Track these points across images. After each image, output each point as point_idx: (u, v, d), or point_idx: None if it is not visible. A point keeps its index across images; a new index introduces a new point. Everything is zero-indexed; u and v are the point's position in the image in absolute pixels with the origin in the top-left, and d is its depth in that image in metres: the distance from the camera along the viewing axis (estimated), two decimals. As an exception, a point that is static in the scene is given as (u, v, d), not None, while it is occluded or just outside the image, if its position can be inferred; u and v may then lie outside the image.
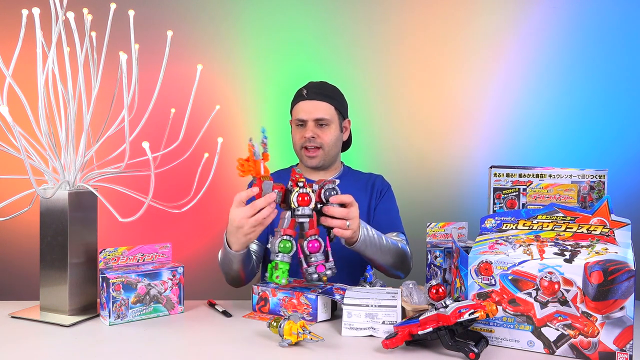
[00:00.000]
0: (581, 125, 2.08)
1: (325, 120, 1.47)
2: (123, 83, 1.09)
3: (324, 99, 1.49)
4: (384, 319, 1.02)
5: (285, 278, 1.09)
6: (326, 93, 1.50)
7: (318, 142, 1.47)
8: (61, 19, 1.12)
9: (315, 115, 1.47)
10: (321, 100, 1.48)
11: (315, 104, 1.48)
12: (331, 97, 1.50)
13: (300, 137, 1.49)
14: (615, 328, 0.89)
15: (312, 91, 1.49)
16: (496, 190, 1.26)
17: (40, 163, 1.16)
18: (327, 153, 1.50)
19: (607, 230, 0.99)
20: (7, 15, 2.05)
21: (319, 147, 1.48)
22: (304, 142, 1.48)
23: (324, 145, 1.48)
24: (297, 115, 1.49)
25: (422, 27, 2.14)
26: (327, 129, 1.48)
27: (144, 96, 1.23)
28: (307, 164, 1.51)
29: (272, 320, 1.01)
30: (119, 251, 1.16)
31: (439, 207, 2.12)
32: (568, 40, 2.08)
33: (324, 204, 1.13)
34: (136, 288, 1.12)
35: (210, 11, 2.14)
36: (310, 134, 1.46)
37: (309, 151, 1.48)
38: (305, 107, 1.48)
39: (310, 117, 1.47)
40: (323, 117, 1.47)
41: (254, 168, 1.07)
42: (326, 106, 1.48)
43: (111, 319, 1.09)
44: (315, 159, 1.49)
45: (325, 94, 1.50)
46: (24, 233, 2.07)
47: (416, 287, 1.12)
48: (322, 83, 1.55)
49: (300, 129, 1.49)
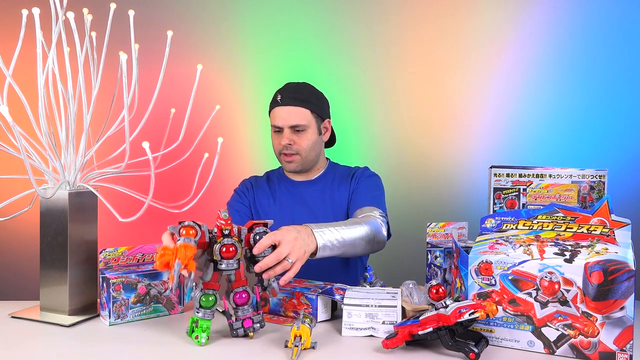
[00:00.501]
0: (581, 125, 2.08)
1: (301, 126, 1.45)
2: (123, 83, 1.09)
3: (299, 103, 1.45)
4: (384, 319, 1.02)
5: (207, 338, 0.98)
6: (301, 97, 1.46)
7: (295, 148, 1.46)
8: (61, 19, 1.12)
9: (290, 122, 1.44)
10: (296, 105, 1.45)
11: (290, 109, 1.44)
12: (307, 101, 1.47)
13: (278, 143, 1.48)
14: (615, 328, 0.89)
15: (287, 96, 1.45)
16: (496, 190, 1.26)
17: (40, 163, 1.16)
18: (305, 158, 1.48)
19: (607, 230, 0.99)
20: (7, 15, 2.05)
21: (296, 153, 1.47)
22: (282, 148, 1.47)
23: (301, 151, 1.47)
24: (273, 121, 1.47)
25: (422, 26, 2.14)
26: (303, 135, 1.46)
27: (144, 96, 1.23)
28: (286, 168, 1.51)
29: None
30: (119, 251, 1.16)
31: (439, 207, 2.13)
32: (568, 40, 2.08)
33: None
34: (136, 288, 1.12)
35: (210, 11, 2.14)
36: (287, 141, 1.44)
37: (287, 156, 1.47)
38: (281, 113, 1.45)
39: (285, 124, 1.45)
40: (298, 124, 1.44)
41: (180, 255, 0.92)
42: (301, 111, 1.45)
43: (111, 319, 1.09)
44: (293, 164, 1.48)
45: (301, 98, 1.46)
46: (24, 233, 2.08)
47: (416, 287, 1.12)
48: (298, 86, 1.50)
49: (277, 135, 1.48)
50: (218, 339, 1.02)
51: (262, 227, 1.05)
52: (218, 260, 1.00)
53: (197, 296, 0.99)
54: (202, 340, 0.98)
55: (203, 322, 0.98)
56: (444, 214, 2.11)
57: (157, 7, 2.10)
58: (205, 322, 0.98)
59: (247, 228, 1.05)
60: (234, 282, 1.03)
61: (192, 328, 1.00)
